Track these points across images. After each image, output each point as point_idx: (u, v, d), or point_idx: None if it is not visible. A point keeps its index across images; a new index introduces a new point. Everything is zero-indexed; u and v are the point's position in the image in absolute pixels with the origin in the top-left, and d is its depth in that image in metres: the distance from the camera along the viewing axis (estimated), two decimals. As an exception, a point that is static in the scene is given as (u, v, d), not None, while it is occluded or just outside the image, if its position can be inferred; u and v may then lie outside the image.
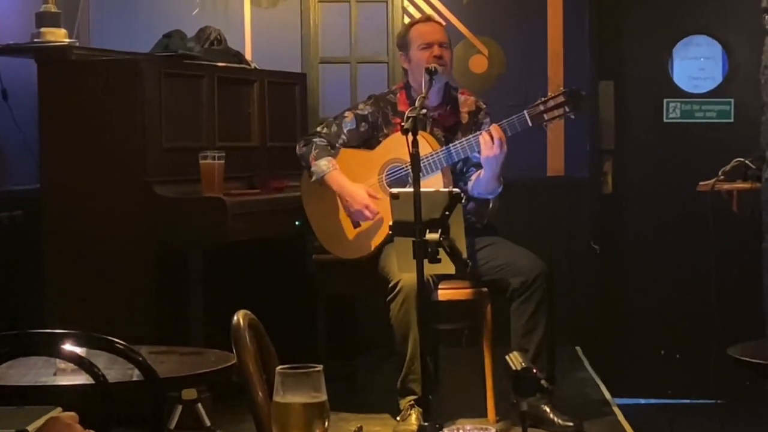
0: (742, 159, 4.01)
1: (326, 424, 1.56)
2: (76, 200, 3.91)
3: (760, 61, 4.09)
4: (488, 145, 3.62)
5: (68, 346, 2.21)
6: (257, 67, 4.64)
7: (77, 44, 4.11)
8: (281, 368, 1.55)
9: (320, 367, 1.53)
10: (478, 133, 3.71)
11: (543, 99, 3.67)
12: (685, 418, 4.45)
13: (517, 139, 3.74)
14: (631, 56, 5.20)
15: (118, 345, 2.27)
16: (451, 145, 3.75)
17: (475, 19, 5.21)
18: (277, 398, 1.54)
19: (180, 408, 3.43)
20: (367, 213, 3.81)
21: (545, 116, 3.65)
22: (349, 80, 5.23)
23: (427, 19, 4.02)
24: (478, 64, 5.23)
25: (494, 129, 3.63)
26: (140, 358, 2.25)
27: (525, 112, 3.66)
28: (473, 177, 3.85)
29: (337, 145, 3.94)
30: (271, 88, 4.53)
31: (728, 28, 5.10)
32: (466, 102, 4.00)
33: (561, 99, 3.65)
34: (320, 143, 3.91)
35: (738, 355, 2.44)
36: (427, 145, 3.73)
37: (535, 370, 2.28)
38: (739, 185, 4.00)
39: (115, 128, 3.88)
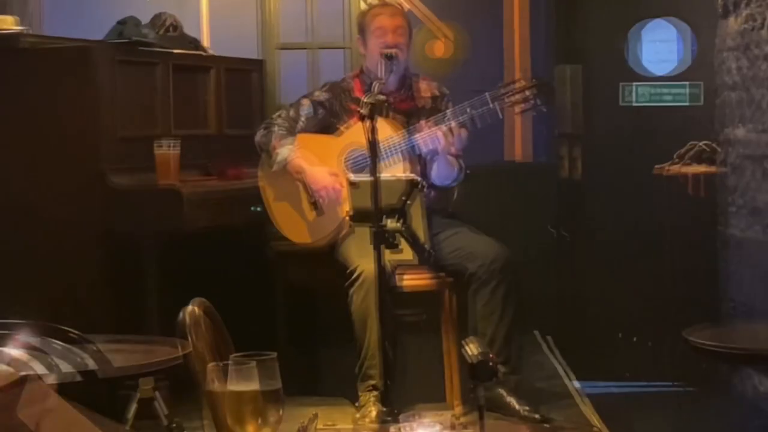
0: (696, 142, 4.02)
1: (280, 411, 1.54)
2: (27, 191, 3.84)
3: (721, 44, 4.10)
4: (445, 140, 3.62)
5: (22, 337, 2.18)
6: (214, 53, 4.59)
7: (27, 32, 4.04)
8: (235, 356, 1.54)
9: (274, 355, 1.52)
10: (438, 127, 3.69)
11: (513, 90, 3.66)
12: (647, 403, 4.48)
13: (481, 125, 3.72)
14: (595, 39, 5.16)
15: (72, 334, 2.25)
16: (412, 137, 3.74)
17: (437, 2, 5.18)
18: (230, 386, 1.52)
19: (137, 398, 3.39)
20: (333, 194, 3.78)
21: (515, 109, 3.66)
22: (308, 66, 5.19)
23: (385, 3, 3.99)
24: (441, 48, 5.20)
25: (452, 128, 3.62)
26: (94, 347, 2.23)
27: (496, 104, 3.65)
28: (434, 165, 3.83)
29: (296, 131, 3.92)
30: (228, 75, 4.48)
31: (693, 10, 5.09)
32: (429, 87, 3.98)
33: (532, 91, 3.65)
34: (280, 131, 3.89)
35: (692, 338, 2.44)
36: (390, 130, 3.72)
37: (491, 355, 2.28)
38: (694, 168, 4.01)
39: (66, 117, 3.81)
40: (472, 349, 2.30)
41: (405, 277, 3.76)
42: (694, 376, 4.15)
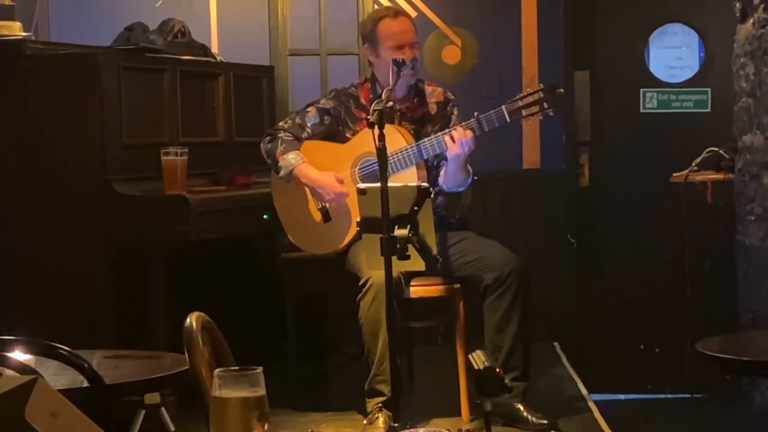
0: (715, 149, 3.94)
1: (265, 420, 1.50)
2: (33, 200, 3.79)
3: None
4: (452, 144, 3.56)
5: (14, 354, 2.12)
6: (223, 60, 4.53)
7: (33, 38, 3.99)
8: (219, 371, 1.52)
9: (260, 369, 1.49)
10: (445, 131, 3.64)
11: (521, 95, 3.62)
12: (662, 414, 4.39)
13: (492, 132, 3.67)
14: (606, 45, 5.13)
15: (62, 351, 2.18)
16: (420, 142, 3.68)
17: (447, 9, 5.12)
18: (214, 394, 1.49)
19: (143, 413, 3.33)
20: (340, 199, 3.73)
21: (523, 112, 3.59)
22: (319, 73, 5.12)
23: (396, 14, 3.89)
24: (451, 55, 5.13)
25: (458, 131, 3.56)
26: (85, 365, 2.16)
27: (503, 107, 3.60)
28: (442, 172, 3.77)
29: (302, 139, 3.87)
30: (237, 82, 4.43)
31: (704, 16, 5.04)
32: (434, 93, 3.92)
33: (539, 96, 3.59)
34: (286, 138, 3.84)
35: (707, 350, 2.35)
36: (401, 139, 3.67)
37: (498, 370, 2.20)
38: (713, 176, 3.93)
39: (72, 125, 3.77)
40: (478, 363, 2.22)
41: (416, 285, 3.69)
42: (712, 386, 4.06)
